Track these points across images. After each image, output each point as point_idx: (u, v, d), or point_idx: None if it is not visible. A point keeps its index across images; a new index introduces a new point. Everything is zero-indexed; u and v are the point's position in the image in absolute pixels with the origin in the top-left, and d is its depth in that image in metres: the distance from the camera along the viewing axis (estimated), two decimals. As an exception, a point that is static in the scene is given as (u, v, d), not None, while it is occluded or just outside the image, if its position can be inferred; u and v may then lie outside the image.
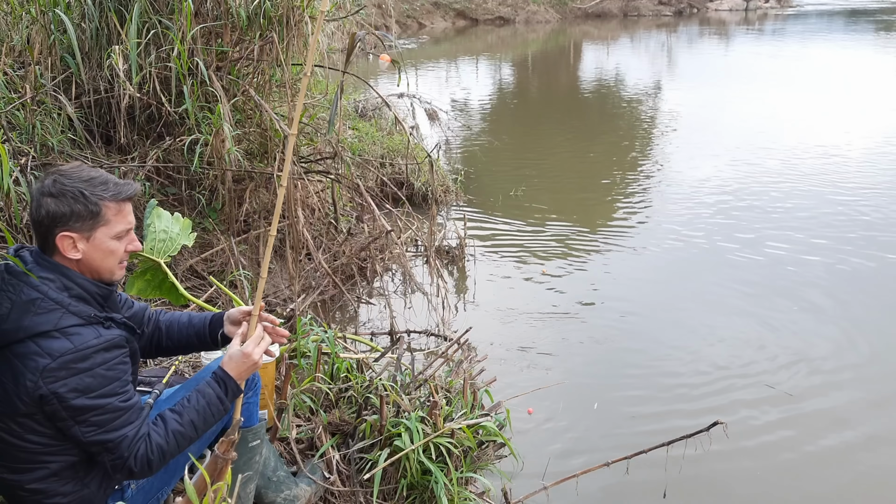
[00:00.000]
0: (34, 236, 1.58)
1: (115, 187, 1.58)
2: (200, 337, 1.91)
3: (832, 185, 6.79)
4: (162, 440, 1.57)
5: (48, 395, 1.45)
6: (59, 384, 1.45)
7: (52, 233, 1.53)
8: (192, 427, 1.63)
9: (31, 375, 1.45)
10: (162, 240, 2.63)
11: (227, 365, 1.71)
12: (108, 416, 1.51)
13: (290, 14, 4.00)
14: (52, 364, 1.45)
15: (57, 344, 1.47)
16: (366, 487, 2.45)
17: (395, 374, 2.87)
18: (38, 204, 1.53)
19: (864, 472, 3.02)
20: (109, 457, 1.53)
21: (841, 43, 17.45)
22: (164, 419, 1.61)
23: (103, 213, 1.56)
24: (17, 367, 1.47)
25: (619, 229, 5.80)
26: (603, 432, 3.27)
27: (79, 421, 1.49)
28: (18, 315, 1.47)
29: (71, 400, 1.46)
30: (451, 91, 12.26)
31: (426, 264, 4.69)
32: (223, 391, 1.68)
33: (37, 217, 1.54)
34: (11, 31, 4.02)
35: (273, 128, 4.07)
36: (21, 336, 1.46)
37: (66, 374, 1.46)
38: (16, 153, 3.43)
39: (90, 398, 1.48)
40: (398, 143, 6.47)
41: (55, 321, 1.48)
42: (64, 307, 1.51)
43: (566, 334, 4.14)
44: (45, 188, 1.53)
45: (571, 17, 23.65)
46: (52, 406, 1.46)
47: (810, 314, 4.33)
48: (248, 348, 1.72)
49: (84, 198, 1.53)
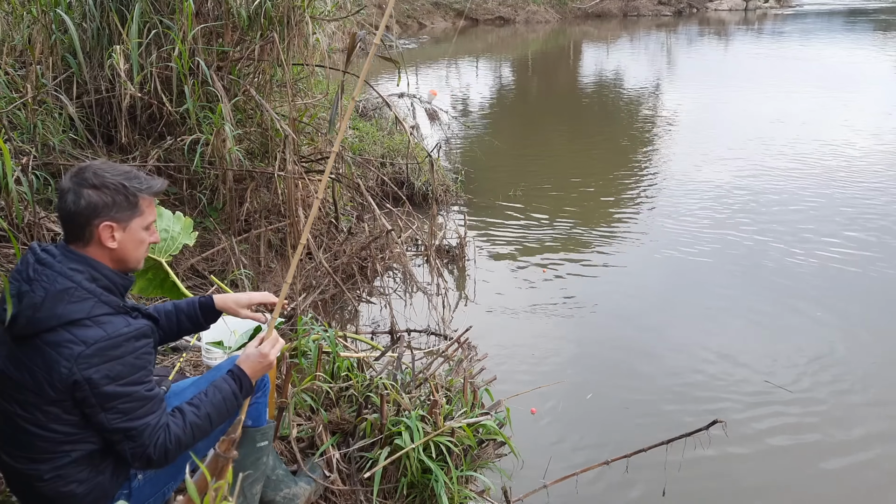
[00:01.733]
0: (68, 228, 1.63)
1: (147, 181, 1.69)
2: (192, 319, 2.00)
3: (837, 184, 6.78)
4: (180, 430, 1.63)
5: (81, 382, 1.50)
6: (93, 370, 1.51)
7: (91, 223, 1.60)
8: (207, 420, 1.70)
9: (65, 362, 1.50)
10: (163, 239, 2.64)
11: (244, 364, 1.80)
12: (134, 404, 1.56)
13: (290, 14, 4.01)
14: (86, 351, 1.50)
15: (91, 332, 1.52)
16: (366, 486, 2.46)
17: (395, 373, 2.87)
18: (78, 195, 1.59)
19: (864, 473, 3.03)
20: (130, 445, 1.58)
21: (841, 43, 17.45)
22: (182, 411, 1.67)
23: (140, 205, 1.66)
24: (49, 355, 1.51)
25: (619, 229, 5.81)
26: (603, 431, 3.27)
27: (106, 408, 1.54)
28: (53, 303, 1.52)
29: (103, 386, 1.52)
30: (451, 91, 12.27)
31: (426, 263, 4.70)
32: (238, 388, 1.77)
33: (75, 208, 1.59)
34: (13, 31, 4.03)
35: (274, 127, 4.08)
36: (54, 324, 1.51)
37: (98, 360, 1.51)
38: (17, 153, 3.44)
39: (120, 385, 1.54)
40: (399, 142, 6.48)
41: (88, 309, 1.54)
42: (96, 296, 1.57)
43: (566, 333, 4.15)
44: (85, 181, 1.60)
45: (571, 17, 23.65)
46: (84, 392, 1.51)
47: (812, 314, 4.33)
48: (266, 349, 1.82)
49: (125, 189, 1.63)
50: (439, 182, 6.08)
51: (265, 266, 4.19)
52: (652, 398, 3.52)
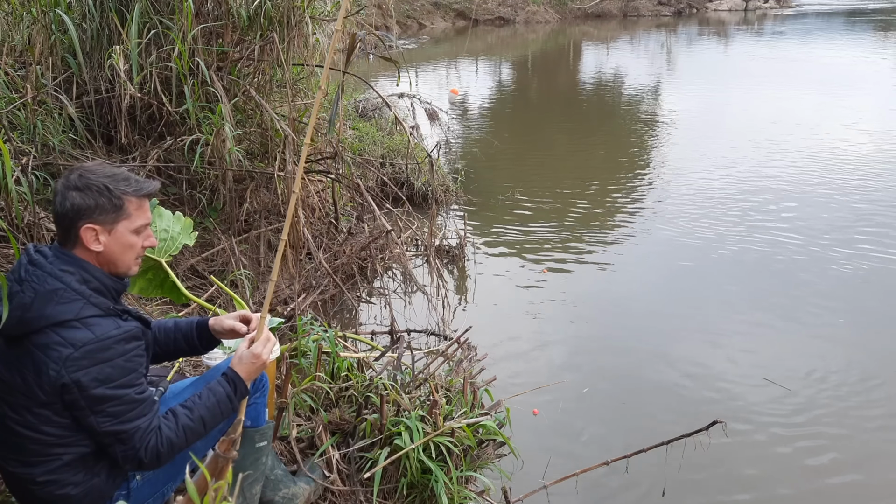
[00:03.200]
0: (57, 229, 1.63)
1: (136, 183, 1.65)
2: (188, 340, 1.96)
3: (839, 183, 6.78)
4: (172, 433, 1.62)
5: (70, 384, 1.49)
6: (82, 373, 1.49)
7: (75, 225, 1.59)
8: (201, 423, 1.68)
9: (54, 365, 1.49)
10: (163, 239, 2.64)
11: (237, 366, 1.78)
12: (123, 407, 1.55)
13: (290, 14, 4.01)
14: (75, 353, 1.49)
15: (79, 334, 1.51)
16: (366, 486, 2.46)
17: (395, 374, 2.87)
18: (63, 197, 1.58)
19: (865, 473, 3.02)
20: (121, 448, 1.57)
21: (840, 43, 17.45)
22: (175, 414, 1.66)
23: (125, 207, 1.62)
24: (38, 357, 1.50)
25: (620, 229, 5.81)
26: (603, 431, 3.27)
27: (95, 411, 1.53)
28: (42, 304, 1.51)
29: (91, 389, 1.50)
30: (451, 90, 12.27)
31: (426, 264, 4.70)
32: (232, 390, 1.75)
33: (61, 210, 1.59)
34: (13, 31, 4.03)
35: (274, 128, 4.08)
36: (43, 325, 1.50)
37: (87, 363, 1.50)
38: (17, 153, 3.44)
39: (109, 388, 1.53)
40: (398, 142, 6.47)
41: (77, 311, 1.53)
42: (85, 298, 1.56)
43: (566, 333, 4.15)
44: (70, 182, 1.59)
45: (571, 17, 23.65)
46: (73, 395, 1.50)
47: (814, 314, 4.33)
48: (257, 349, 1.80)
49: (108, 191, 1.60)
50: (439, 182, 6.08)
51: (265, 266, 4.19)
52: (652, 398, 3.52)
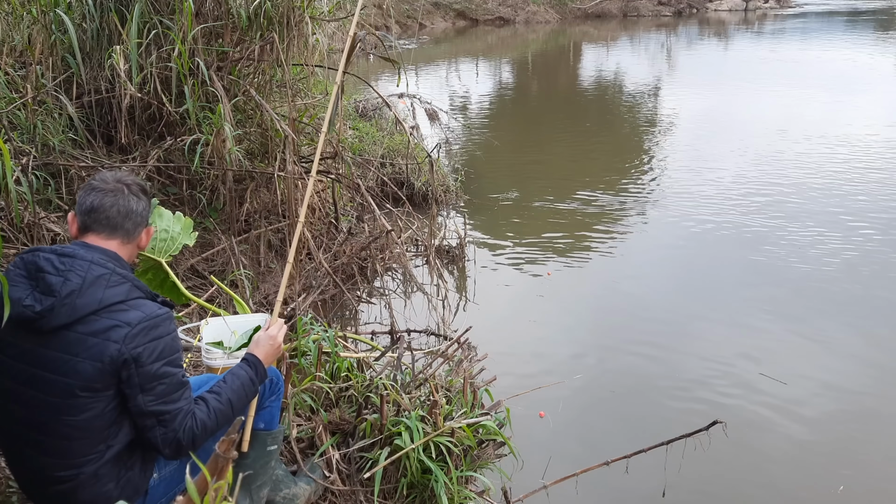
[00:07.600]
0: (111, 223, 1.70)
1: None
2: None
3: (840, 184, 6.78)
4: (205, 416, 1.68)
5: (129, 360, 1.56)
6: (141, 347, 1.57)
7: (140, 226, 1.76)
8: (229, 405, 1.76)
9: (114, 344, 1.55)
10: (163, 239, 2.63)
11: (256, 350, 1.90)
12: (170, 387, 1.63)
13: (290, 14, 4.01)
14: (132, 331, 1.57)
15: (131, 314, 1.59)
16: (366, 486, 2.46)
17: (395, 374, 2.87)
18: (139, 198, 1.75)
19: (866, 474, 3.02)
20: (161, 430, 1.62)
21: (840, 43, 17.45)
22: (205, 399, 1.73)
23: None
24: (92, 342, 1.55)
25: (620, 229, 5.81)
26: (603, 431, 3.28)
27: (146, 389, 1.59)
28: (93, 288, 1.57)
29: (147, 364, 1.58)
30: (451, 91, 12.27)
31: (426, 264, 4.70)
32: (254, 373, 1.85)
33: (136, 207, 1.73)
34: (12, 31, 4.03)
35: (274, 128, 4.08)
36: (95, 307, 1.57)
37: (143, 339, 1.58)
38: (17, 153, 3.44)
39: (163, 364, 1.61)
40: (398, 142, 6.47)
41: (125, 293, 1.62)
42: (130, 281, 1.65)
43: (567, 333, 4.15)
44: (140, 186, 1.78)
45: (571, 17, 23.62)
46: (129, 371, 1.57)
47: (818, 316, 4.33)
48: (273, 332, 1.95)
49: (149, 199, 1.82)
50: (439, 182, 6.07)
51: (265, 266, 4.19)
52: (652, 398, 3.52)
